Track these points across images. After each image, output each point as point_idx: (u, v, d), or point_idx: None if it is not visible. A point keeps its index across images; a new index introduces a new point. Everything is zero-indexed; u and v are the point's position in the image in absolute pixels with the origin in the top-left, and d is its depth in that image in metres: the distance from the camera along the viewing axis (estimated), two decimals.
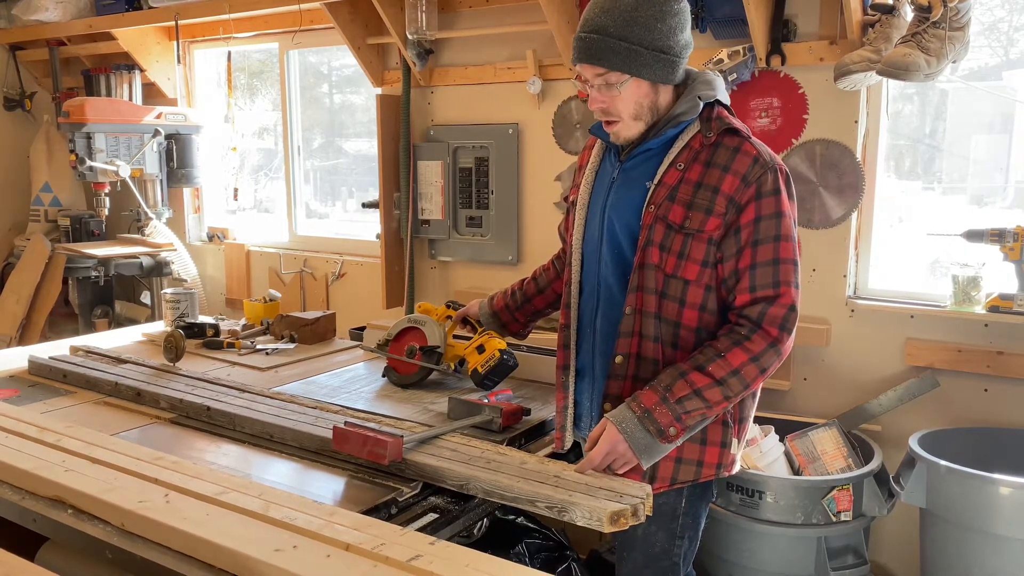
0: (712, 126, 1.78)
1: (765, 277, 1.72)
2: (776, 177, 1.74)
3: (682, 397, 1.69)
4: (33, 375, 2.64)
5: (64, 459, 1.78)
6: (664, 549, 1.90)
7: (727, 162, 1.74)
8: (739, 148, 1.75)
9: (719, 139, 1.77)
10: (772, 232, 1.73)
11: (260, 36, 4.28)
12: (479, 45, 3.50)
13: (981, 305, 2.56)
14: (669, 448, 1.74)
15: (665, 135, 1.80)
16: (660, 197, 1.77)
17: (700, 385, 1.69)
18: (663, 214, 1.76)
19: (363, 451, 1.80)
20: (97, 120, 4.13)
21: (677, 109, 1.79)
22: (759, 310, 1.72)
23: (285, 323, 3.07)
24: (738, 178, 1.72)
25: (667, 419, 1.69)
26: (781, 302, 1.72)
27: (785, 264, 1.73)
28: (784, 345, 1.73)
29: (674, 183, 1.77)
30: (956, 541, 2.33)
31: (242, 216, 4.82)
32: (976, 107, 2.91)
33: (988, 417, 2.64)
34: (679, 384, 1.70)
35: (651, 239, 1.77)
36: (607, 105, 1.79)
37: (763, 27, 2.74)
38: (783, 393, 2.92)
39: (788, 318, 1.72)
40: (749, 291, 1.73)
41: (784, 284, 1.72)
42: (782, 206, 1.74)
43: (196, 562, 1.43)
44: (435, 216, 3.69)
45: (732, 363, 1.70)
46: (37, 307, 4.40)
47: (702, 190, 1.74)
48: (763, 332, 1.71)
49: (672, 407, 1.69)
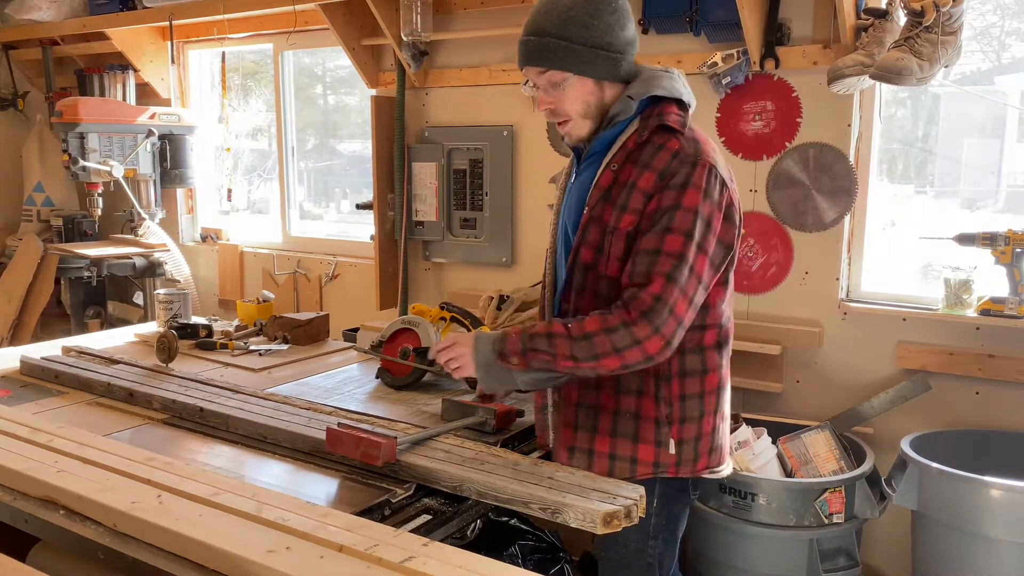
0: (647, 124, 1.79)
1: (641, 265, 1.71)
2: (691, 172, 1.71)
3: (534, 334, 1.78)
4: (25, 375, 2.63)
5: (56, 460, 1.77)
6: (638, 548, 1.91)
7: (649, 159, 1.76)
8: (663, 145, 1.76)
9: (650, 137, 1.78)
10: (664, 223, 1.71)
11: (254, 37, 4.28)
12: (474, 47, 3.51)
13: (973, 308, 2.58)
14: (506, 375, 1.81)
15: (604, 137, 1.84)
16: (594, 199, 1.82)
17: (553, 331, 1.76)
18: (597, 215, 1.80)
19: (356, 452, 1.80)
20: (90, 120, 4.12)
21: (613, 110, 1.82)
22: (631, 293, 1.71)
23: (278, 324, 3.06)
24: (655, 174, 1.74)
25: (515, 347, 1.78)
26: (649, 290, 1.68)
27: (665, 256, 1.69)
28: (640, 332, 1.67)
29: (607, 185, 1.80)
30: (947, 543, 2.34)
31: (236, 217, 4.82)
32: (968, 111, 2.93)
33: (979, 420, 2.66)
34: (540, 326, 1.80)
35: (585, 240, 1.82)
36: (555, 105, 1.84)
37: (757, 30, 2.75)
38: (776, 395, 2.93)
39: (653, 308, 1.67)
40: (629, 277, 1.74)
41: (657, 274, 1.68)
42: (684, 199, 1.70)
43: (189, 563, 1.43)
44: (429, 217, 3.69)
45: (586, 328, 1.73)
46: (29, 307, 4.38)
47: (626, 188, 1.77)
48: (623, 312, 1.70)
49: (524, 339, 1.78)
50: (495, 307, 3.17)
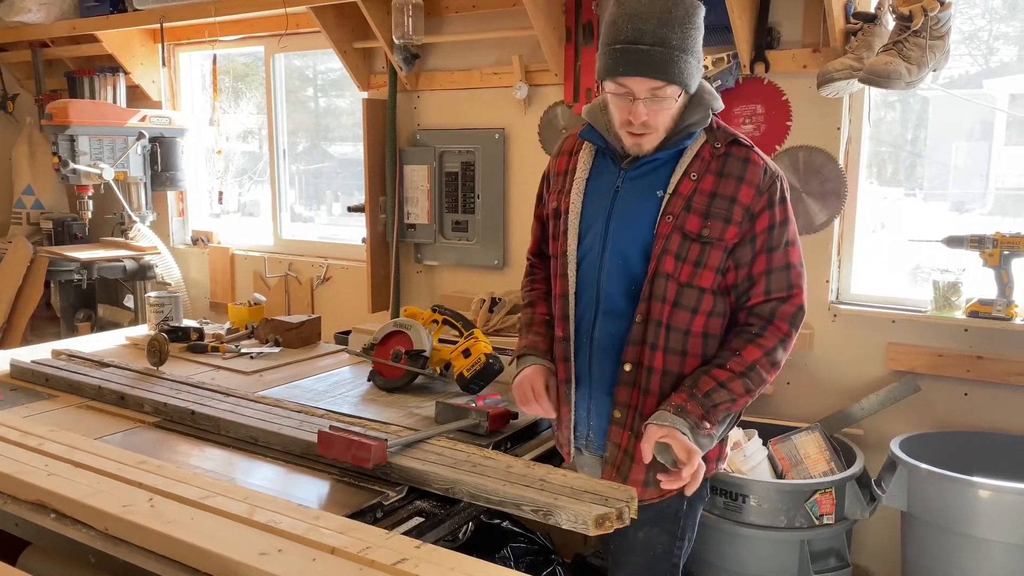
0: (718, 136, 1.81)
1: (780, 281, 1.80)
2: (782, 186, 1.81)
3: (708, 391, 1.74)
4: (15, 379, 2.62)
5: (47, 463, 1.77)
6: (666, 551, 1.92)
7: (740, 172, 1.78)
8: (748, 159, 1.79)
9: (728, 149, 1.80)
10: (784, 238, 1.80)
11: (246, 39, 4.27)
12: (465, 50, 3.51)
13: (961, 310, 2.59)
14: (704, 443, 1.76)
15: (678, 146, 1.79)
16: (677, 207, 1.77)
17: (723, 379, 1.75)
18: (680, 224, 1.76)
19: (347, 455, 1.80)
20: (80, 122, 4.10)
21: (689, 118, 1.78)
22: (771, 307, 1.79)
23: (270, 327, 3.06)
24: (752, 188, 1.77)
25: (698, 412, 1.73)
26: (793, 302, 1.80)
27: (795, 268, 1.81)
28: (792, 340, 1.81)
29: (689, 193, 1.77)
30: (937, 543, 2.36)
31: (227, 219, 4.80)
32: (957, 115, 2.95)
33: (968, 421, 2.67)
34: (703, 380, 1.76)
35: (667, 248, 1.76)
36: (652, 119, 1.73)
37: (747, 34, 2.77)
38: (766, 397, 2.94)
39: (797, 315, 1.81)
40: (764, 294, 1.80)
41: (796, 287, 1.81)
42: (789, 213, 1.82)
43: (180, 566, 1.42)
44: (421, 220, 3.69)
45: (747, 359, 1.76)
46: (19, 310, 4.36)
47: (718, 199, 1.76)
48: (774, 327, 1.79)
49: (701, 401, 1.73)
50: (487, 309, 3.18)
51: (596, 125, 1.86)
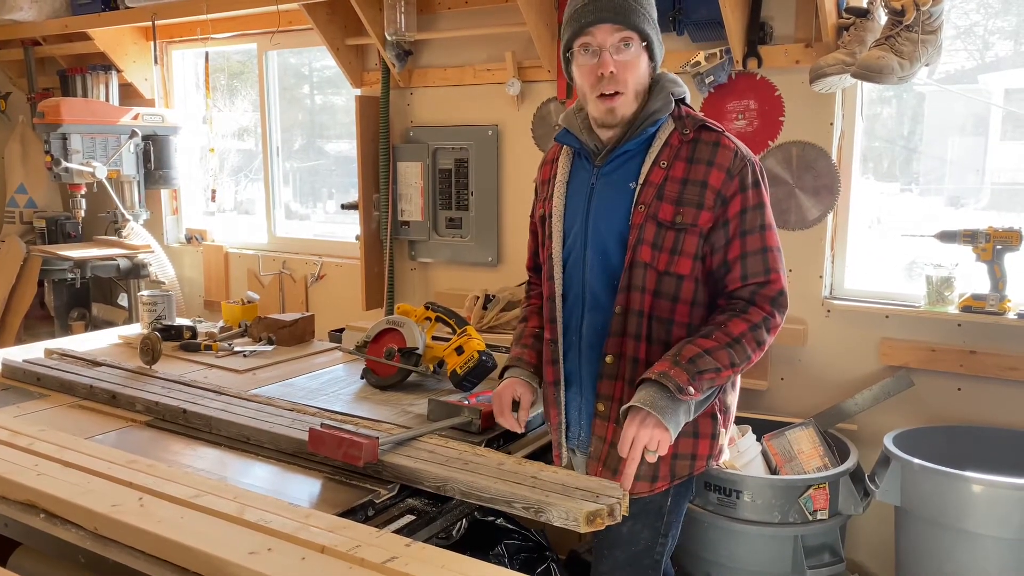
0: (686, 123, 1.81)
1: (756, 265, 1.78)
2: (754, 169, 1.80)
3: (692, 357, 1.69)
4: (7, 378, 2.61)
5: (37, 463, 1.76)
6: (647, 547, 1.91)
7: (711, 157, 1.77)
8: (718, 143, 1.79)
9: (696, 135, 1.80)
10: (758, 222, 1.78)
11: (238, 37, 4.26)
12: (458, 46, 3.50)
13: (954, 305, 2.59)
14: (689, 409, 1.72)
15: (643, 134, 1.80)
16: (648, 196, 1.78)
17: (708, 347, 1.71)
18: (653, 212, 1.77)
19: (338, 453, 1.79)
20: (73, 121, 4.09)
21: (652, 106, 1.80)
22: (750, 291, 1.78)
23: (263, 325, 3.05)
24: (723, 172, 1.76)
25: (683, 378, 1.67)
26: (772, 286, 1.79)
27: (772, 252, 1.79)
28: (775, 321, 1.79)
29: (660, 181, 1.78)
30: (930, 538, 2.36)
31: (221, 218, 4.79)
32: (952, 109, 2.94)
33: (961, 415, 2.68)
34: (687, 348, 1.72)
35: (642, 238, 1.77)
36: (619, 72, 1.75)
37: (739, 30, 2.76)
38: (760, 393, 2.94)
39: (778, 299, 1.79)
40: (741, 279, 1.78)
41: (773, 271, 1.79)
42: (763, 197, 1.80)
43: (170, 566, 1.42)
44: (415, 217, 3.68)
45: (733, 331, 1.74)
46: (12, 309, 4.35)
47: (689, 185, 1.77)
48: (757, 307, 1.77)
49: (686, 367, 1.68)
50: (481, 306, 3.17)
51: (571, 128, 1.88)
